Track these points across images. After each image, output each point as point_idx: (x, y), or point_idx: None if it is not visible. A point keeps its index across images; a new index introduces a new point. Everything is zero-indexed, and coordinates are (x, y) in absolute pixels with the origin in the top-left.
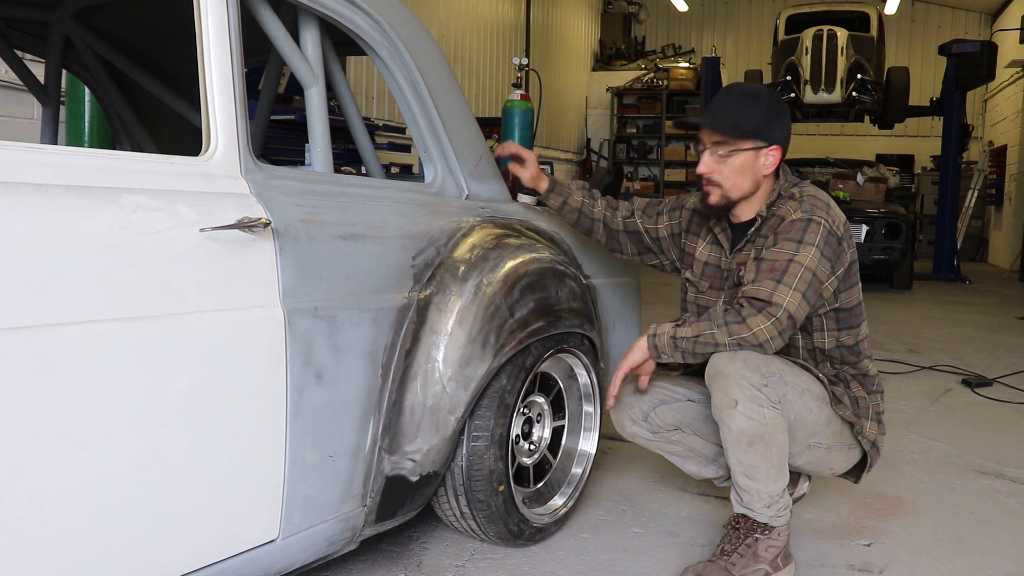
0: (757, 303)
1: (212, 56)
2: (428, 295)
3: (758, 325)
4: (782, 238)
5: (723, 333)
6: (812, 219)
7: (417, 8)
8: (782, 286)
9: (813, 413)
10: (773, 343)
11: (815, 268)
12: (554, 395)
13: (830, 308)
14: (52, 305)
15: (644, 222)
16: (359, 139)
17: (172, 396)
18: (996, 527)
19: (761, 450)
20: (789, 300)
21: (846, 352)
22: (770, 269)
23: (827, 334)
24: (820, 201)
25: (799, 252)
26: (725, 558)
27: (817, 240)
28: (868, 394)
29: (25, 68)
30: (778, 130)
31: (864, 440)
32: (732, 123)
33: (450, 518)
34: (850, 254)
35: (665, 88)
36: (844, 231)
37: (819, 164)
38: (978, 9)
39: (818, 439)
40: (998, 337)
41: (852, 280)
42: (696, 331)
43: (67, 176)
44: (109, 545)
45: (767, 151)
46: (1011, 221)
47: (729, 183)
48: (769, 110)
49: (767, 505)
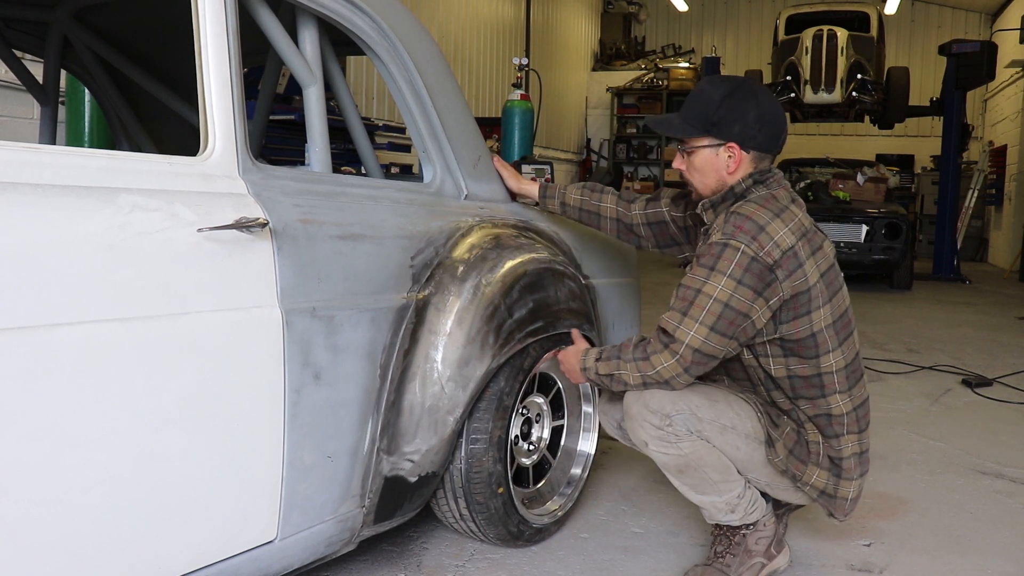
0: (664, 337)
1: (210, 56)
2: (427, 295)
3: (661, 364)
4: (697, 263)
5: (632, 370)
6: (729, 244)
7: (417, 8)
8: (687, 319)
9: (741, 451)
10: (680, 379)
11: (727, 299)
12: (553, 395)
13: (771, 337)
14: (50, 305)
15: (672, 211)
16: (358, 139)
17: (170, 396)
18: (996, 527)
19: (693, 474)
20: (693, 336)
21: (801, 384)
22: (681, 297)
23: (773, 361)
24: (749, 223)
25: (708, 281)
26: (720, 560)
27: (731, 269)
28: (827, 438)
29: (24, 68)
30: (736, 125)
31: (808, 488)
32: (683, 119)
33: (449, 520)
34: (791, 284)
35: (665, 88)
36: (781, 257)
37: (819, 164)
38: (978, 9)
39: (754, 475)
40: (998, 337)
41: (799, 311)
42: (608, 369)
43: (65, 176)
44: (108, 545)
45: (724, 149)
46: (1011, 221)
47: (696, 180)
48: (724, 103)
49: (730, 511)
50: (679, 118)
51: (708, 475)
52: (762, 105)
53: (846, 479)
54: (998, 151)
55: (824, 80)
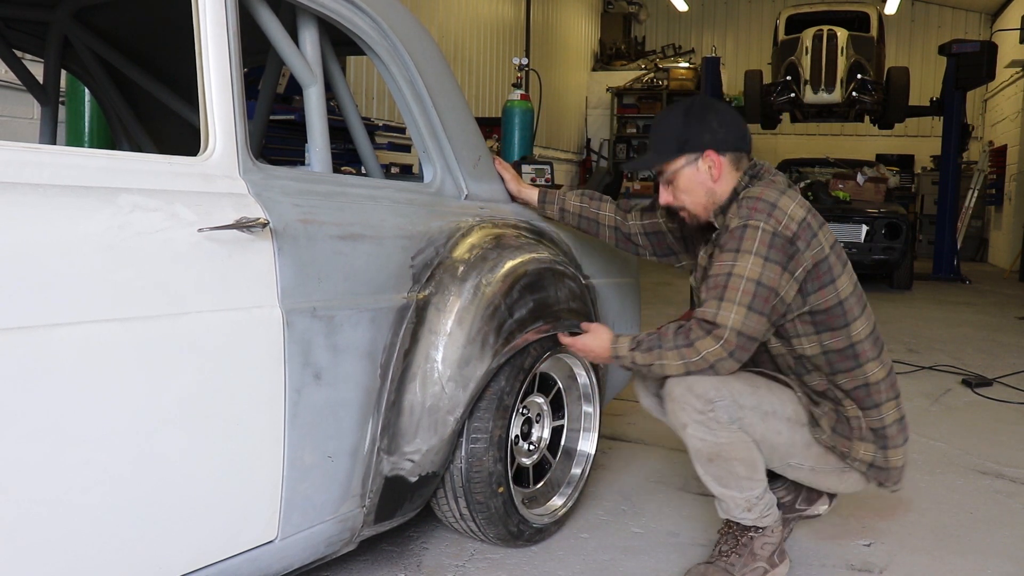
0: (705, 325)
1: (210, 56)
2: (427, 295)
3: (706, 348)
4: (722, 250)
5: (674, 358)
6: (748, 224)
7: (417, 8)
8: (724, 303)
9: (783, 436)
10: (724, 364)
11: (758, 277)
12: (553, 395)
13: (800, 312)
14: (50, 305)
15: (668, 222)
16: (358, 139)
17: (171, 396)
18: (996, 527)
19: (722, 465)
20: (734, 318)
21: (837, 358)
22: (713, 286)
23: (806, 340)
24: (761, 203)
25: (737, 263)
26: (724, 559)
27: (755, 247)
28: (865, 409)
29: (24, 68)
30: (705, 135)
31: (856, 463)
32: (654, 150)
33: (450, 520)
34: (811, 254)
35: (665, 88)
36: (798, 229)
37: (819, 164)
38: (978, 9)
39: (797, 460)
40: (998, 337)
41: (823, 280)
42: (649, 360)
43: (65, 176)
44: (108, 545)
45: (702, 160)
46: (1011, 221)
47: (689, 203)
48: (687, 119)
49: (747, 509)
50: (651, 152)
51: (735, 469)
52: (719, 111)
53: (893, 447)
54: (998, 151)
55: (824, 80)
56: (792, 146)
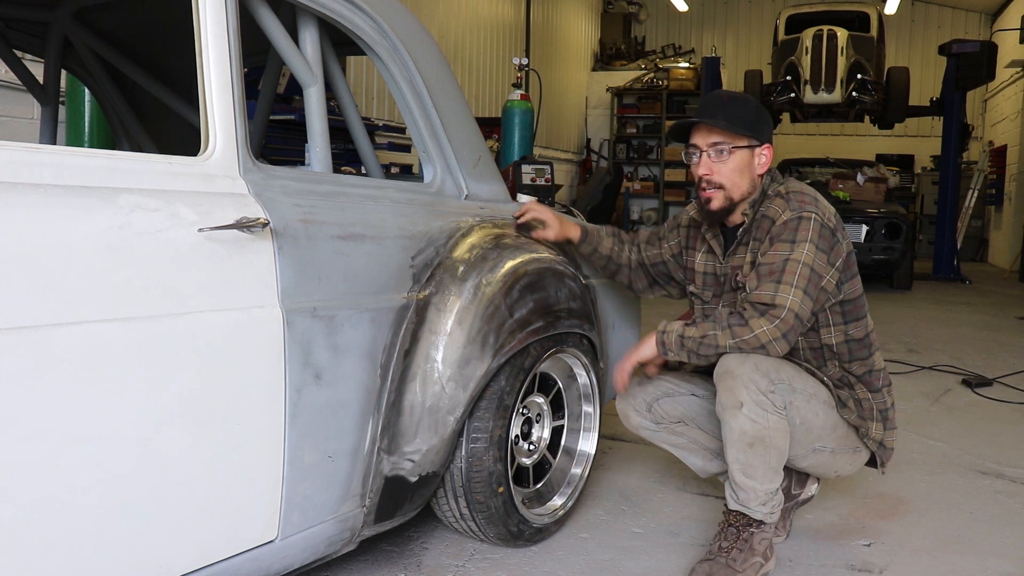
0: (760, 307)
1: (211, 56)
2: (427, 295)
3: (761, 327)
4: (776, 240)
5: (726, 335)
6: (802, 215)
7: (417, 8)
8: (783, 286)
9: (820, 417)
10: (777, 345)
11: (812, 263)
12: (553, 395)
13: (835, 301)
14: (50, 305)
15: (647, 250)
16: (358, 139)
17: (171, 396)
18: (996, 527)
19: (760, 452)
20: (792, 299)
21: (856, 347)
22: (768, 272)
23: (834, 329)
24: (807, 196)
25: (794, 250)
26: (726, 554)
27: (810, 236)
28: (873, 392)
29: (24, 68)
30: (767, 130)
31: (870, 441)
32: (728, 120)
33: (450, 519)
34: (845, 244)
35: (665, 88)
36: (836, 222)
37: (819, 164)
38: (978, 9)
39: (823, 443)
40: (998, 337)
41: (852, 270)
42: (701, 332)
43: (65, 176)
44: (109, 545)
45: (761, 150)
46: (1011, 221)
47: (730, 183)
48: (757, 110)
49: (763, 503)
50: (720, 118)
51: (769, 458)
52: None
53: (890, 428)
54: (998, 151)
55: (824, 80)
56: (792, 146)
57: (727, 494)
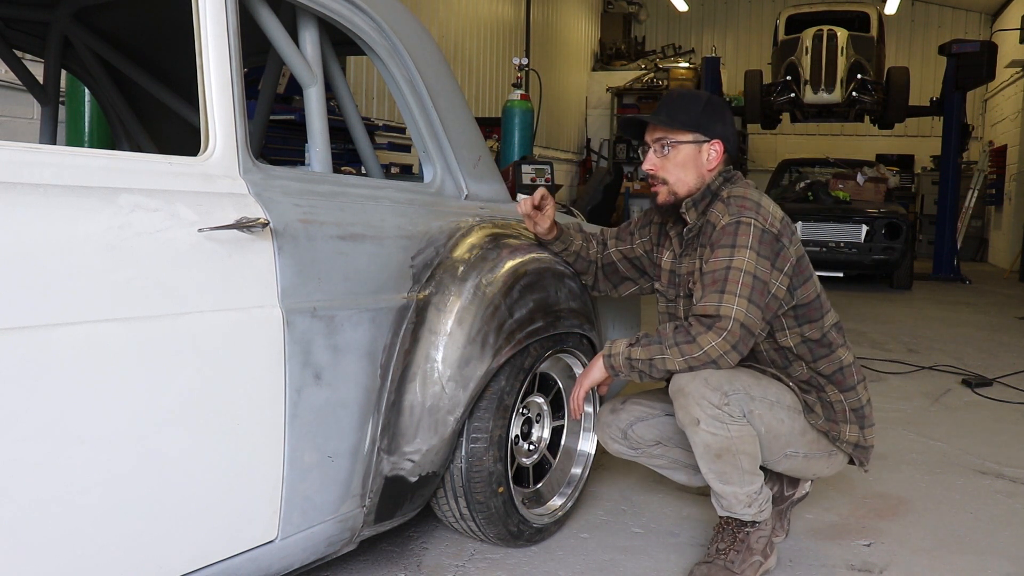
0: (706, 320)
1: (211, 56)
2: (427, 295)
3: (709, 343)
4: (716, 247)
5: (675, 354)
6: (740, 220)
7: (417, 8)
8: (726, 295)
9: (785, 424)
10: (728, 358)
11: (754, 271)
12: (553, 395)
13: (788, 307)
14: (51, 305)
15: (618, 245)
16: (358, 139)
17: (171, 396)
18: (996, 527)
19: (730, 460)
20: (736, 309)
21: (815, 347)
22: (712, 281)
23: (789, 332)
24: (749, 201)
25: (734, 257)
26: (722, 556)
27: (750, 242)
28: (846, 392)
29: (24, 68)
30: (718, 126)
31: (844, 444)
32: (670, 116)
33: (450, 519)
34: (794, 249)
35: (665, 88)
36: (781, 227)
37: (819, 164)
38: (978, 9)
39: (793, 448)
40: (998, 337)
41: (805, 274)
42: (649, 354)
43: (65, 176)
44: (109, 545)
45: (709, 146)
46: (1011, 221)
47: (673, 178)
48: (707, 107)
49: (747, 505)
50: (663, 114)
51: (741, 463)
52: (730, 116)
53: (868, 426)
54: (998, 151)
55: (824, 80)
56: (792, 146)
57: (713, 502)
